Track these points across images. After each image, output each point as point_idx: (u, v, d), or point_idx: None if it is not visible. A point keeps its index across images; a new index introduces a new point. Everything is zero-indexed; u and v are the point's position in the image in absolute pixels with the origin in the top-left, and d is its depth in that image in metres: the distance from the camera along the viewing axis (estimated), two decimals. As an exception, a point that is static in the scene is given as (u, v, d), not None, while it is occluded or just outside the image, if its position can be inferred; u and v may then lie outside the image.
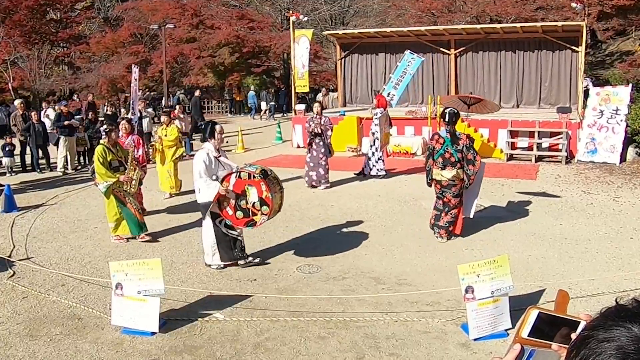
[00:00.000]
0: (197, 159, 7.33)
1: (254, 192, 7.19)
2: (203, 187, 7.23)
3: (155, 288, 5.73)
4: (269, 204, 7.20)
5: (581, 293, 6.36)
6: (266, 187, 7.17)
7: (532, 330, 1.17)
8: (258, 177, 7.20)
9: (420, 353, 5.24)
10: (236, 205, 7.23)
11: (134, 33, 35.67)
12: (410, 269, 7.44)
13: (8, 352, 5.41)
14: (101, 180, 8.58)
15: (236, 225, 7.38)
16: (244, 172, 7.27)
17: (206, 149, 7.44)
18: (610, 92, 15.19)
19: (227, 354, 5.29)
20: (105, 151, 8.64)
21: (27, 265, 7.83)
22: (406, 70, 17.87)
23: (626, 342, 0.97)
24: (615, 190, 11.62)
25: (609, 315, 1.03)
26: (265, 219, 7.27)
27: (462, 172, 8.43)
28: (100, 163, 8.52)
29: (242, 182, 7.22)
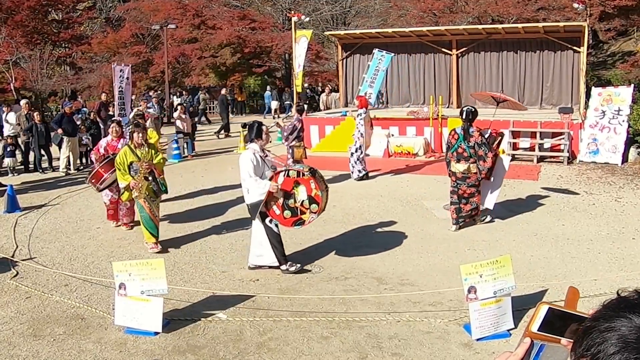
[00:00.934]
0: (245, 160, 7.14)
1: (302, 190, 7.12)
2: (253, 186, 7.05)
3: (158, 288, 5.74)
4: (319, 202, 7.15)
5: (583, 293, 6.35)
6: (316, 184, 7.13)
7: (542, 325, 1.18)
8: (307, 175, 7.16)
9: (423, 353, 5.25)
10: (284, 205, 7.12)
11: (136, 33, 35.72)
12: (413, 269, 7.45)
13: (12, 352, 5.42)
14: (119, 180, 8.52)
15: (283, 224, 7.27)
16: (293, 171, 7.22)
17: (252, 149, 7.25)
18: (612, 92, 15.18)
19: (230, 354, 5.31)
20: (127, 153, 8.38)
21: (30, 265, 7.85)
22: (378, 67, 18.09)
23: (627, 332, 0.99)
24: (617, 190, 11.62)
25: (610, 307, 1.06)
26: (315, 217, 7.23)
27: (475, 166, 8.93)
28: (118, 162, 8.35)
29: (290, 181, 7.13)
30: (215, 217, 10.15)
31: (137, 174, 8.30)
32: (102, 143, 9.97)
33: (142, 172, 8.32)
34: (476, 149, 8.84)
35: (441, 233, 8.95)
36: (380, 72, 18.07)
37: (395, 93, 20.68)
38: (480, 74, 19.45)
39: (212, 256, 8.11)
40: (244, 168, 7.12)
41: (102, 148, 9.78)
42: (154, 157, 8.51)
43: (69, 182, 13.88)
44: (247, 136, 7.47)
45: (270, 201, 7.15)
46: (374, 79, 18.08)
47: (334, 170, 14.15)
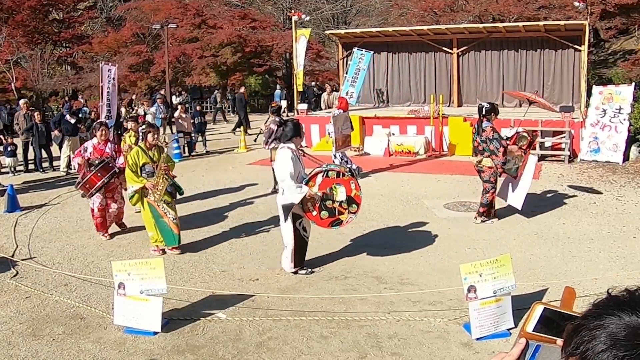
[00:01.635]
0: (284, 159, 7.00)
1: (342, 190, 7.05)
2: (290, 189, 6.90)
3: (157, 288, 5.73)
4: (359, 203, 7.12)
5: (584, 292, 6.34)
6: (356, 185, 7.10)
7: (537, 325, 1.17)
8: (348, 176, 7.12)
9: (423, 352, 5.24)
10: (321, 205, 7.05)
11: (136, 33, 35.73)
12: (413, 268, 7.44)
13: (11, 351, 5.42)
14: (129, 183, 8.13)
15: (320, 225, 7.20)
16: (332, 171, 7.15)
17: (290, 148, 7.12)
18: (613, 91, 15.15)
19: (229, 354, 5.30)
20: (139, 154, 8.07)
21: (30, 265, 7.84)
22: (359, 67, 18.17)
23: (616, 329, 0.99)
24: (618, 189, 11.60)
25: (600, 305, 1.06)
26: (353, 217, 7.21)
27: (490, 160, 9.12)
28: (131, 164, 8.00)
29: (329, 181, 7.06)
30: (215, 217, 10.14)
31: (154, 176, 8.03)
32: (87, 146, 9.21)
33: (161, 174, 8.03)
34: (487, 143, 9.05)
35: (441, 232, 8.93)
36: (361, 71, 18.24)
37: (396, 92, 20.66)
38: (481, 73, 19.43)
39: (211, 256, 8.10)
40: (284, 167, 6.98)
41: (86, 152, 9.08)
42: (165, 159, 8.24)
43: (70, 182, 13.86)
44: (284, 135, 7.32)
45: (307, 202, 7.06)
46: (356, 79, 18.22)
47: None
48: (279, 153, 7.21)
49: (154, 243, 8.23)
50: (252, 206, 10.94)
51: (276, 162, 7.16)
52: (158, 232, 8.11)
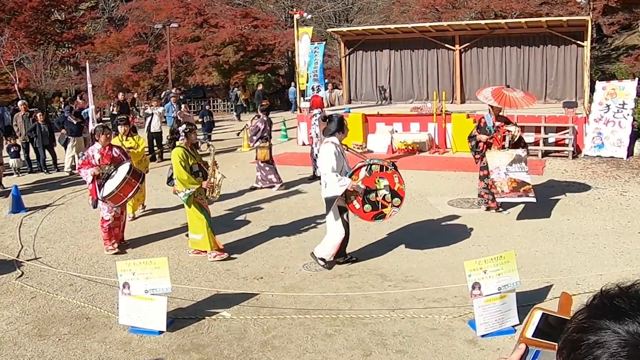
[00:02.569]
0: (328, 153, 7.06)
1: (385, 184, 7.10)
2: (332, 181, 6.97)
3: (162, 287, 5.74)
4: (402, 196, 7.16)
5: (589, 289, 6.33)
6: (399, 179, 7.14)
7: (536, 330, 1.17)
8: (391, 169, 7.15)
9: (427, 350, 5.24)
10: (364, 199, 7.08)
11: (139, 33, 35.76)
12: (417, 265, 7.44)
13: (17, 352, 5.43)
14: (182, 187, 7.62)
15: (363, 218, 7.25)
16: (376, 165, 7.17)
17: (333, 143, 7.18)
18: (616, 86, 15.12)
19: (234, 352, 5.31)
20: (186, 154, 7.72)
21: (35, 265, 7.87)
22: (317, 60, 18.23)
23: (618, 348, 0.96)
24: (622, 184, 11.58)
25: (595, 315, 1.02)
26: (397, 211, 7.23)
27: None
28: (182, 168, 7.58)
29: (373, 175, 7.10)
30: (218, 216, 10.14)
31: (210, 172, 7.84)
32: (92, 154, 8.37)
33: (214, 169, 7.90)
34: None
35: (445, 229, 8.93)
36: (319, 64, 18.35)
37: (399, 89, 20.62)
38: (483, 70, 19.38)
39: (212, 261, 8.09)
40: (327, 161, 7.03)
41: (94, 159, 8.31)
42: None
43: (74, 182, 13.89)
44: (327, 129, 7.36)
45: (351, 195, 7.10)
46: (316, 72, 18.39)
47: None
48: (323, 147, 7.26)
49: (195, 246, 7.95)
50: (255, 205, 10.94)
51: (319, 156, 7.19)
52: (210, 233, 7.82)
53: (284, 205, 10.69)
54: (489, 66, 19.30)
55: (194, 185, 7.61)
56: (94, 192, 8.31)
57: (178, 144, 7.87)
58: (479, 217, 9.46)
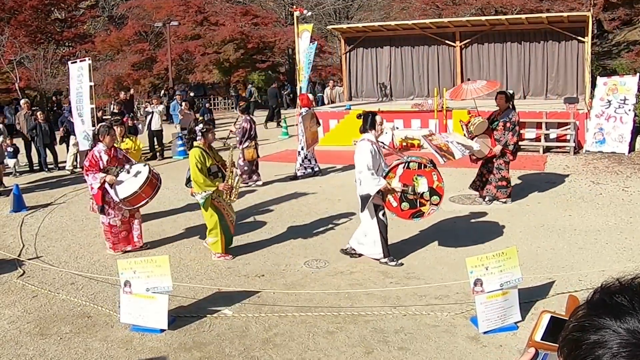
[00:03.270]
0: (363, 151, 7.02)
1: (423, 182, 7.03)
2: (367, 179, 6.92)
3: (163, 285, 5.73)
4: (441, 194, 7.11)
5: (591, 285, 6.31)
6: (438, 176, 7.08)
7: (545, 333, 1.16)
8: (430, 167, 7.09)
9: (430, 347, 5.23)
10: (402, 197, 7.03)
11: (139, 31, 35.74)
12: (419, 262, 7.42)
13: (19, 351, 5.43)
14: (199, 189, 7.44)
15: (400, 217, 7.17)
16: (414, 163, 7.11)
17: (369, 140, 7.15)
18: (617, 81, 15.09)
19: (236, 350, 5.30)
20: (204, 155, 7.49)
21: (36, 264, 7.86)
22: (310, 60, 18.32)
23: (619, 349, 0.95)
24: (624, 180, 11.56)
25: (595, 313, 1.01)
26: (436, 209, 7.18)
27: None
28: (198, 169, 7.36)
29: (410, 173, 7.03)
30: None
31: (227, 173, 7.63)
32: (98, 155, 7.99)
33: (232, 173, 7.67)
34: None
35: (447, 225, 8.91)
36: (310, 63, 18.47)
37: (400, 86, 20.62)
38: (484, 66, 19.36)
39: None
40: (362, 158, 7.00)
41: (101, 161, 7.99)
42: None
43: (75, 181, 13.89)
44: (362, 126, 7.34)
45: (387, 193, 7.05)
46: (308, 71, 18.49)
47: (339, 163, 14.14)
48: (359, 145, 7.20)
49: (214, 247, 7.81)
50: (256, 202, 10.93)
51: (355, 153, 7.14)
52: (222, 236, 7.73)
53: (286, 203, 10.67)
54: (490, 62, 19.28)
55: (211, 188, 7.42)
56: (99, 198, 7.98)
57: (196, 144, 7.63)
58: (480, 214, 9.45)
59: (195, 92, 33.79)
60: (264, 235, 8.85)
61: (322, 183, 12.28)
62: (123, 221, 8.20)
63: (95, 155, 7.98)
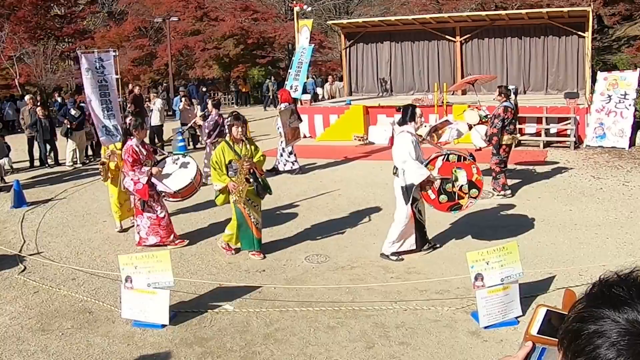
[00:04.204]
0: (404, 142, 7.00)
1: (462, 174, 7.03)
2: (413, 169, 6.87)
3: (164, 280, 5.74)
4: (480, 187, 7.12)
5: (592, 279, 6.28)
6: (477, 169, 7.09)
7: (541, 327, 1.17)
8: (469, 160, 7.11)
9: (430, 341, 5.24)
10: (440, 189, 7.02)
11: (138, 27, 35.70)
12: (419, 257, 7.43)
13: (21, 346, 5.44)
14: (213, 180, 7.50)
15: (438, 209, 7.20)
16: (454, 155, 7.11)
17: (408, 131, 7.14)
18: (617, 76, 15.07)
19: (237, 345, 5.31)
20: (224, 149, 7.34)
21: (37, 260, 7.87)
22: (301, 60, 18.29)
23: (617, 337, 0.96)
24: (624, 174, 11.55)
25: (594, 304, 1.02)
26: (474, 202, 7.20)
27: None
28: (214, 161, 7.32)
29: (449, 165, 7.03)
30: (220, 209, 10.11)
31: (237, 174, 7.34)
32: (137, 149, 7.96)
33: (243, 173, 7.33)
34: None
35: (447, 220, 8.90)
36: (304, 64, 18.48)
37: (400, 81, 20.59)
38: (484, 61, 19.33)
39: (218, 248, 8.09)
40: (404, 149, 6.97)
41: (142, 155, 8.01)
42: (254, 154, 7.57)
43: (75, 176, 13.90)
44: (401, 119, 7.32)
45: (426, 185, 7.04)
46: (298, 72, 18.49)
47: (339, 159, 14.13)
48: (399, 137, 7.18)
49: (226, 240, 7.78)
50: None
51: (395, 145, 7.12)
52: (237, 234, 7.61)
53: (286, 197, 10.67)
54: (490, 57, 19.25)
55: (220, 183, 7.31)
56: (145, 193, 7.92)
57: (227, 138, 7.60)
58: (481, 208, 9.44)
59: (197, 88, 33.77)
60: (265, 230, 8.83)
61: (323, 178, 12.27)
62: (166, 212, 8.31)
63: (135, 150, 7.94)
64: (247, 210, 7.46)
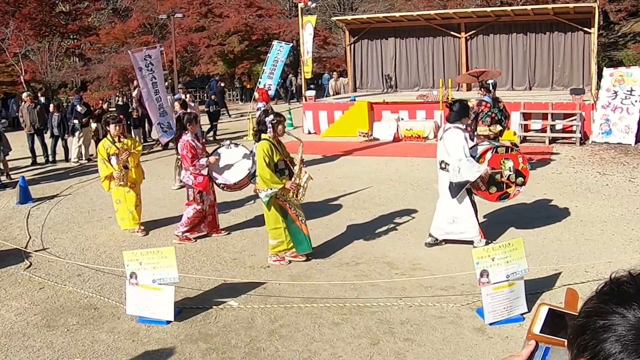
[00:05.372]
0: (458, 138, 7.08)
1: (510, 164, 7.25)
2: (466, 167, 6.95)
3: (169, 276, 5.74)
4: (526, 175, 7.32)
5: (598, 276, 6.30)
6: (523, 158, 7.35)
7: (543, 326, 1.16)
8: (516, 150, 7.40)
9: (435, 338, 5.23)
10: (490, 180, 7.19)
11: (143, 23, 35.68)
12: (424, 253, 7.42)
13: (26, 343, 5.46)
14: (264, 186, 6.84)
15: (489, 199, 7.41)
16: (502, 147, 7.39)
17: (459, 128, 7.21)
18: (624, 72, 15.00)
19: (242, 342, 5.31)
20: (272, 149, 6.87)
21: (43, 256, 7.89)
22: (277, 58, 18.32)
23: (624, 332, 0.96)
24: (630, 170, 11.51)
25: (603, 300, 1.02)
26: (521, 190, 7.37)
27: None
28: (265, 164, 6.77)
29: (498, 157, 7.26)
30: (224, 205, 10.13)
31: (297, 173, 7.08)
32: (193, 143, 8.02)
33: (301, 170, 7.10)
34: (504, 111, 11.05)
35: (452, 217, 8.88)
36: (279, 63, 18.57)
37: (405, 77, 20.56)
38: (489, 57, 19.27)
39: (222, 244, 8.11)
40: (458, 146, 7.03)
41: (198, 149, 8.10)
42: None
43: (81, 172, 13.92)
44: (454, 115, 7.31)
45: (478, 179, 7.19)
46: (273, 70, 18.47)
47: (344, 155, 14.12)
48: (451, 133, 7.18)
49: (274, 251, 7.20)
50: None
51: (448, 142, 7.13)
52: (289, 238, 7.08)
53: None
54: (495, 54, 19.20)
55: (277, 185, 6.80)
56: (206, 185, 8.06)
57: (264, 137, 7.03)
58: (486, 204, 9.41)
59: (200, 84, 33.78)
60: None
61: (327, 174, 12.26)
62: (210, 205, 8.29)
63: (192, 145, 8.01)
64: (293, 210, 7.08)
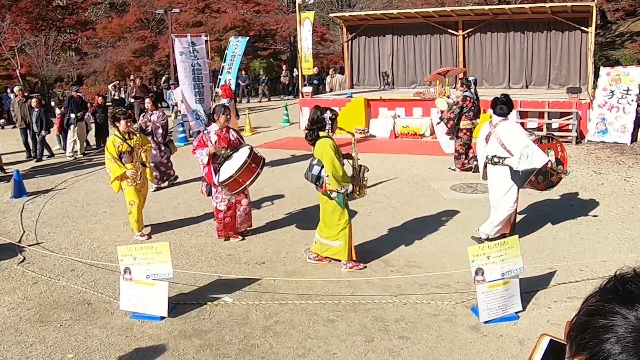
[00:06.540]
0: (517, 128, 7.47)
1: (552, 154, 7.51)
2: (537, 152, 7.03)
3: (163, 272, 5.71)
4: (564, 163, 7.66)
5: (592, 275, 6.30)
6: (561, 147, 7.74)
7: (544, 357, 1.16)
8: (555, 139, 7.83)
9: (430, 336, 5.22)
10: (538, 171, 7.28)
11: (140, 18, 35.56)
12: (420, 251, 7.41)
13: (19, 338, 5.42)
14: (337, 186, 6.49)
15: (537, 189, 7.60)
16: (545, 138, 7.79)
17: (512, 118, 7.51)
18: (620, 72, 15.01)
19: (236, 338, 5.29)
20: (335, 146, 6.52)
21: (36, 250, 7.86)
22: (234, 53, 18.31)
23: (624, 333, 0.94)
24: (626, 170, 11.52)
25: (606, 298, 1.00)
26: (562, 177, 7.68)
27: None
28: (338, 162, 6.46)
29: (543, 147, 7.43)
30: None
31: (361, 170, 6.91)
32: (208, 135, 7.81)
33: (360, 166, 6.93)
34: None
35: (448, 214, 8.89)
36: (237, 57, 18.61)
37: (402, 74, 20.55)
38: (487, 55, 19.28)
39: (217, 239, 8.07)
40: (521, 134, 7.25)
41: (210, 141, 7.72)
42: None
43: (76, 166, 13.88)
44: (506, 108, 7.40)
45: None
46: (231, 65, 18.56)
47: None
48: (506, 125, 7.31)
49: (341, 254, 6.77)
50: (256, 190, 10.88)
51: (507, 133, 7.19)
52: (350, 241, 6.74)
53: (286, 190, 10.64)
54: (492, 52, 19.20)
55: (348, 183, 6.54)
56: (210, 176, 7.76)
57: (322, 134, 6.66)
58: (482, 202, 9.40)
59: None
60: (265, 222, 8.83)
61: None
62: (229, 207, 7.90)
63: (204, 135, 7.84)
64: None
